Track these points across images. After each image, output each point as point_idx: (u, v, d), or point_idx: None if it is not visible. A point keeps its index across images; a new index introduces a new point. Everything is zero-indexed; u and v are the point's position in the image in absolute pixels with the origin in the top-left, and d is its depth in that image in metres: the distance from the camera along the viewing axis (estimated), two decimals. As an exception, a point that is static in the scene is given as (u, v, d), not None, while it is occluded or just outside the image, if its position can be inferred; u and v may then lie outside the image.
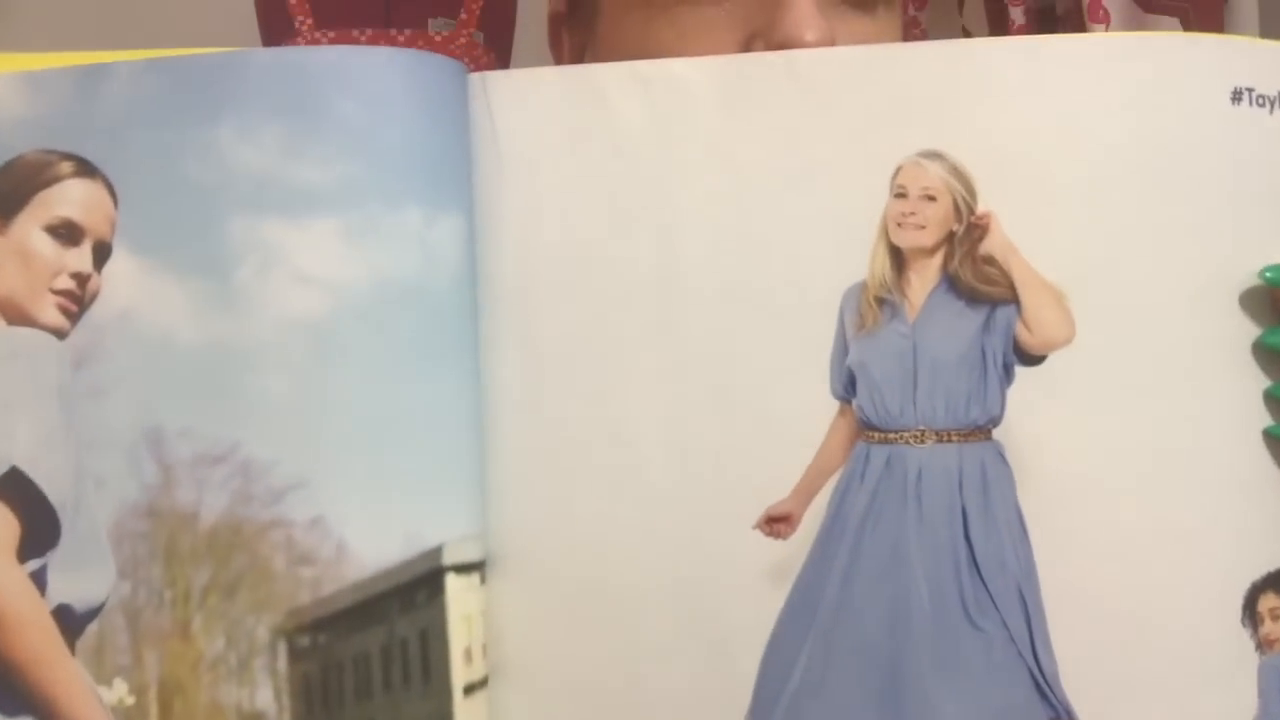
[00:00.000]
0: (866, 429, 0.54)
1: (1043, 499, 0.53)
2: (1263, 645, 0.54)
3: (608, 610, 0.53)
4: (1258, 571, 0.54)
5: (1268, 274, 0.54)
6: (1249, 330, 0.55)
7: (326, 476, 0.48)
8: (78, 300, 0.47)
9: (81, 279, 0.48)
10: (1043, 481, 0.54)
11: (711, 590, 0.53)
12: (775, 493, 0.54)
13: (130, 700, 0.46)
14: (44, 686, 0.44)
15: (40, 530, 0.44)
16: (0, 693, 0.43)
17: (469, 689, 0.50)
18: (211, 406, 0.47)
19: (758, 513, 0.53)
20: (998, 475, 0.54)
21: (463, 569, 0.51)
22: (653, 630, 0.53)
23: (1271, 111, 0.55)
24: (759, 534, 0.53)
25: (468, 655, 0.51)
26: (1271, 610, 0.54)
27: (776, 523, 0.54)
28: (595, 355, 0.54)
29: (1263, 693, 0.53)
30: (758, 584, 0.54)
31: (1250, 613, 0.54)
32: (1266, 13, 0.54)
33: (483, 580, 0.52)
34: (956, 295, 0.55)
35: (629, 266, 0.54)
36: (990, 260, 0.54)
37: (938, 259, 0.55)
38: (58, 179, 0.48)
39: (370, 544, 0.48)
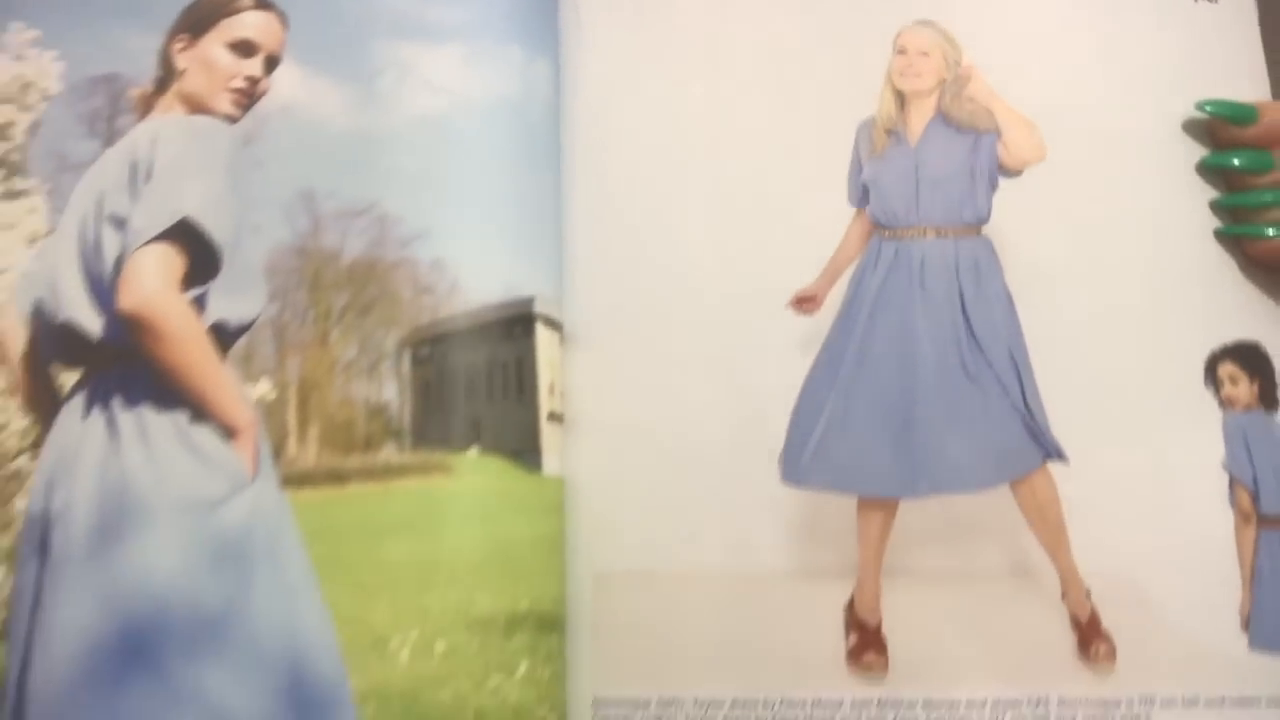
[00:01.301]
0: (878, 228, 0.66)
1: (1025, 282, 0.64)
2: (1225, 404, 0.63)
3: (662, 375, 0.64)
4: (1215, 344, 0.64)
5: (1208, 107, 0.66)
6: (1193, 152, 0.67)
7: (444, 230, 0.60)
8: (249, 96, 0.60)
9: (253, 81, 0.60)
10: (1025, 268, 0.65)
11: (749, 357, 0.64)
12: (802, 280, 0.65)
13: (273, 395, 0.57)
14: (198, 385, 0.53)
15: (203, 266, 0.53)
16: (164, 391, 0.53)
17: (551, 415, 0.61)
18: (355, 175, 0.60)
19: (788, 295, 0.64)
20: (988, 262, 0.65)
21: (547, 322, 0.62)
22: (699, 390, 0.63)
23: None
24: (790, 312, 0.64)
25: (551, 388, 0.61)
26: (1230, 375, 0.63)
27: (804, 302, 0.65)
28: (653, 174, 0.66)
29: (1228, 441, 0.62)
30: (788, 352, 0.64)
31: (1211, 377, 0.63)
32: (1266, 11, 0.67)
33: (562, 341, 0.63)
34: (948, 126, 0.67)
35: (683, 107, 0.67)
36: (973, 100, 0.67)
37: (932, 100, 0.67)
38: (240, 9, 0.62)
39: (477, 284, 0.59)
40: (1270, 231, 0.63)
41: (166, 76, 0.59)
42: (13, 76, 0.63)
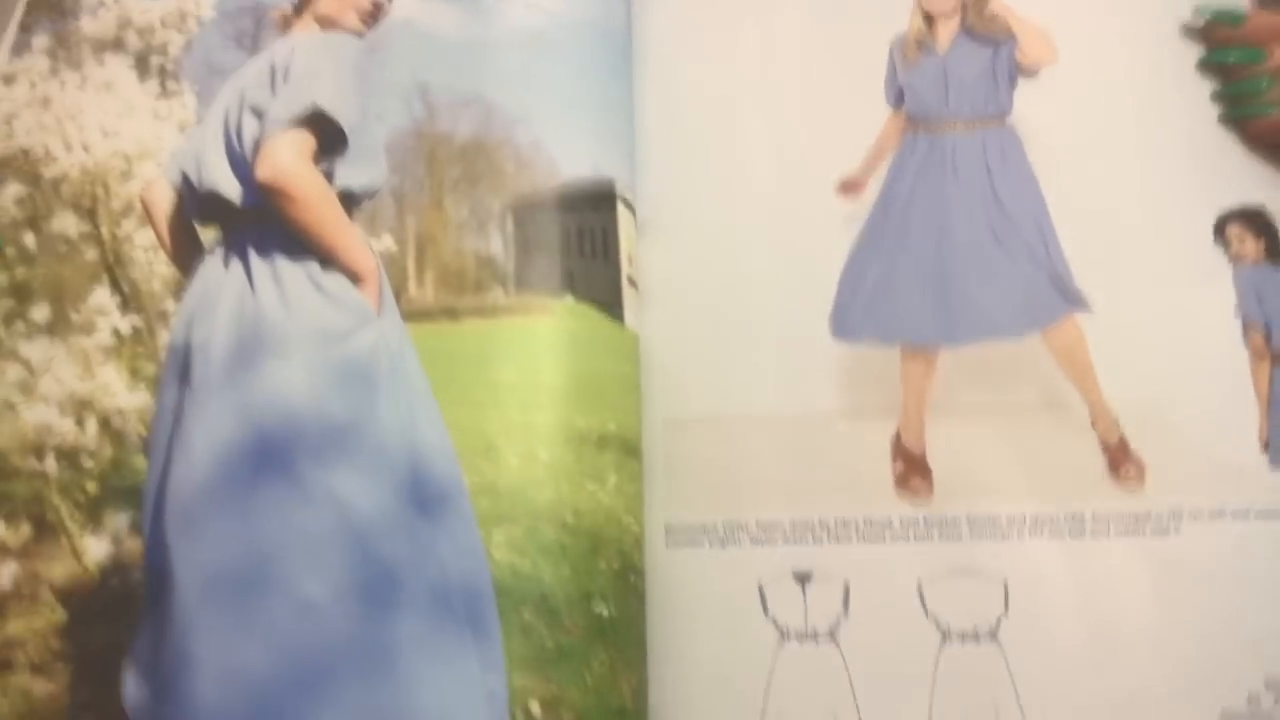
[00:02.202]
0: (912, 124, 0.75)
1: (1048, 164, 0.72)
2: (1234, 260, 0.70)
3: (724, 250, 0.72)
4: (1223, 208, 0.71)
5: (1203, 11, 0.75)
6: (1192, 52, 0.75)
7: (540, 117, 0.70)
8: (374, 15, 0.71)
9: (377, 4, 0.71)
10: (1046, 152, 0.73)
11: (802, 233, 0.72)
12: (846, 170, 0.74)
13: (395, 248, 0.67)
14: (327, 239, 0.61)
15: (331, 144, 0.61)
16: (296, 244, 0.60)
17: (629, 279, 0.69)
18: (464, 74, 0.70)
19: (834, 182, 0.73)
20: (1013, 145, 0.73)
21: (625, 202, 0.71)
22: (757, 262, 0.72)
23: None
24: (836, 196, 0.73)
25: (629, 259, 0.70)
26: (1238, 235, 0.70)
27: (850, 187, 0.73)
28: (714, 80, 0.76)
29: (1239, 290, 0.69)
30: (836, 227, 0.73)
31: (1220, 236, 0.71)
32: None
33: (635, 220, 0.72)
34: (972, 38, 0.76)
35: (740, 23, 0.77)
36: (993, 15, 0.76)
37: (957, 17, 0.77)
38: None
39: (569, 162, 0.69)
40: (1272, 110, 0.71)
41: (303, 1, 0.70)
42: (173, 8, 0.75)
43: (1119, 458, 0.66)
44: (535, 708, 0.57)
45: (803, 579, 0.65)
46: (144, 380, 0.65)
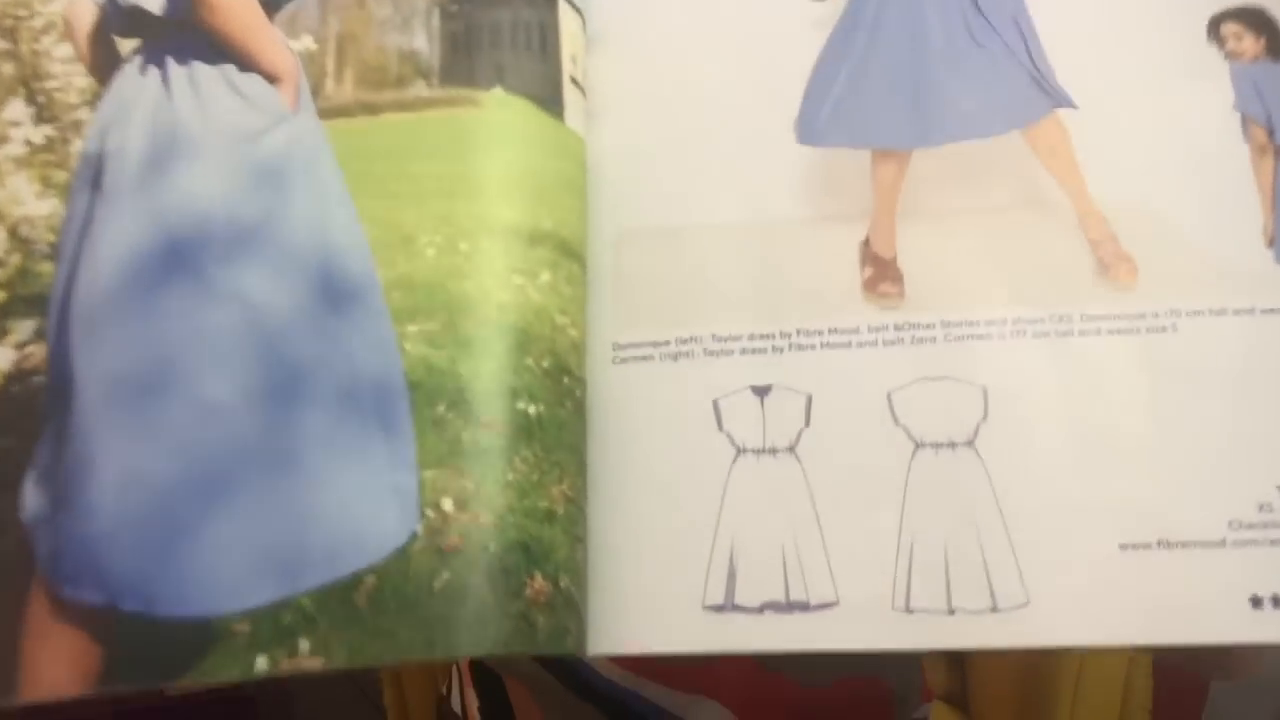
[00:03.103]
0: (883, -71, 0.69)
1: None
2: (1230, 57, 0.64)
3: (682, 61, 0.67)
4: (1217, 6, 0.65)
5: None
6: None
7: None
8: None
9: None
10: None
11: (766, 38, 0.67)
12: (812, -22, 0.68)
13: (315, 46, 0.61)
14: (245, 43, 0.59)
15: None
16: (214, 49, 0.59)
17: (572, 80, 0.64)
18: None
19: (799, -9, 0.68)
20: (991, -55, 0.68)
21: (569, 2, 0.66)
22: (718, 71, 0.66)
23: None
24: (803, 2, 0.68)
25: (573, 59, 0.65)
26: (1234, 33, 0.64)
27: (815, -9, 0.68)
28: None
29: (1237, 85, 0.63)
30: (805, 31, 0.67)
31: (1215, 35, 0.64)
32: None
33: (584, 30, 0.66)
34: None
35: None
36: None
37: None
38: None
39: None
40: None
41: None
42: None
43: (1109, 257, 0.60)
44: (447, 504, 0.51)
45: (761, 392, 0.58)
46: (55, 188, 0.60)
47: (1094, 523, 0.54)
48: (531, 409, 0.54)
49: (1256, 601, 0.52)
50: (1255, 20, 0.64)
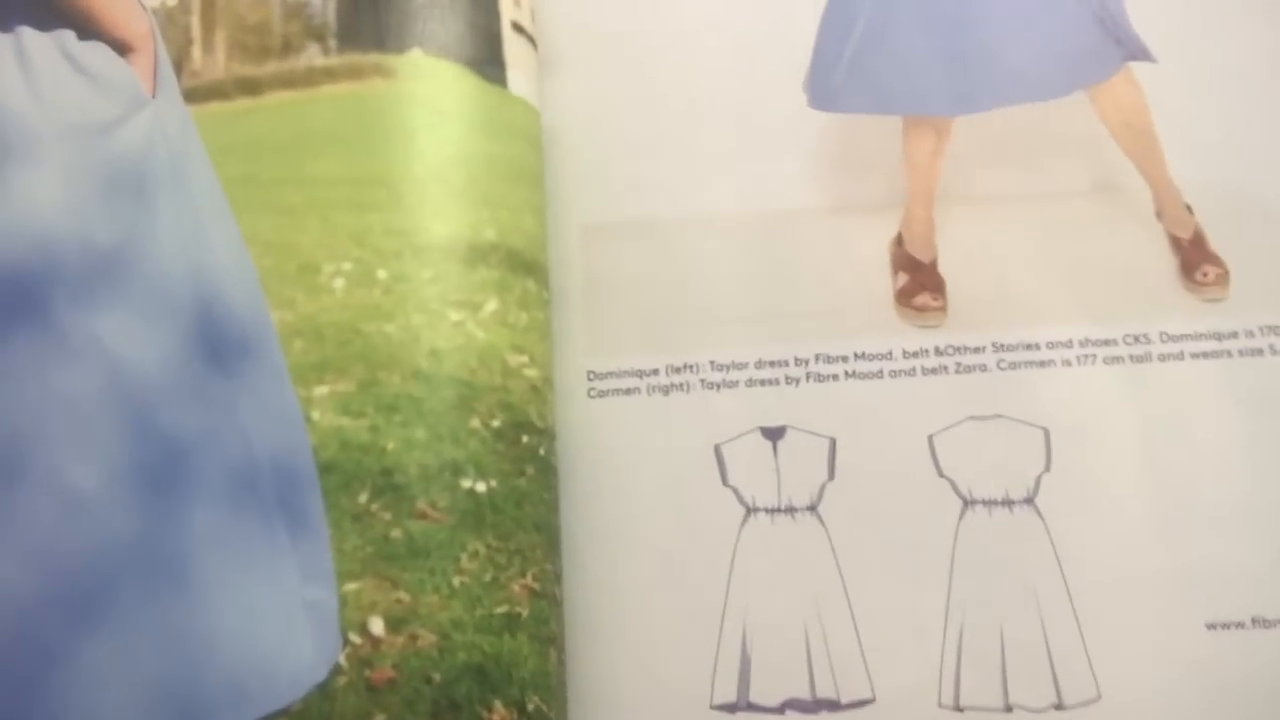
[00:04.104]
0: None
1: None
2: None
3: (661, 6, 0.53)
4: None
5: None
6: None
7: None
8: None
9: None
10: None
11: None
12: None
13: (174, 2, 0.47)
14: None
15: None
16: (44, 8, 0.44)
17: (515, 27, 0.49)
18: None
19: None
20: None
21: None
22: (706, 12, 0.52)
23: None
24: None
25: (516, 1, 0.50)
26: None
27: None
28: None
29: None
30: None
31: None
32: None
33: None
34: None
35: None
36: None
37: None
38: None
39: None
40: None
41: None
42: None
43: (1194, 256, 0.48)
44: (377, 625, 0.40)
45: (773, 435, 0.47)
46: None
47: (1177, 598, 0.44)
48: (481, 486, 0.42)
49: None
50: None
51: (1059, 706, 0.44)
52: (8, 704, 0.40)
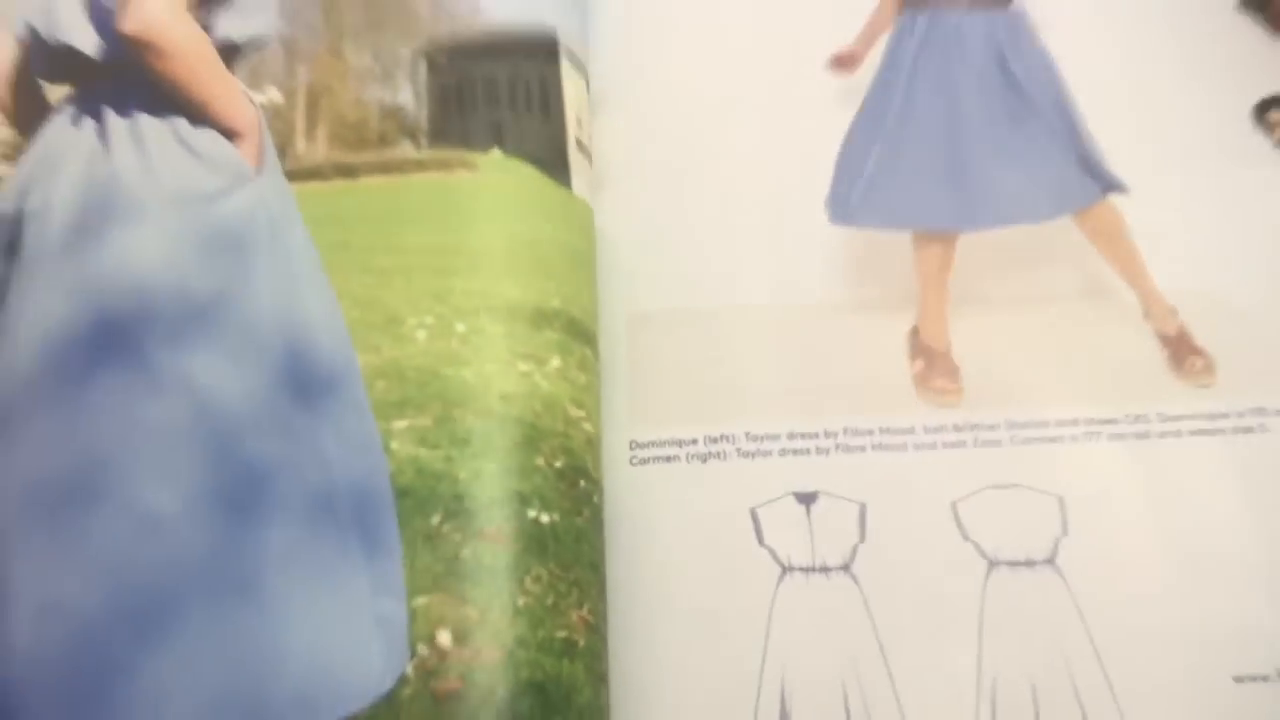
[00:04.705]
0: (911, 2, 0.65)
1: (1064, 49, 0.63)
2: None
3: (697, 128, 0.61)
4: (1258, 95, 0.62)
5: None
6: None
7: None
8: None
9: None
10: (1054, 36, 0.63)
11: (790, 110, 0.61)
12: (836, 46, 0.63)
13: (281, 100, 0.53)
14: (199, 93, 0.50)
15: None
16: (162, 99, 0.50)
17: (578, 144, 0.57)
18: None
19: (823, 58, 0.63)
20: (1022, 26, 0.64)
21: (571, 59, 0.59)
22: (737, 141, 0.60)
23: None
24: (828, 70, 0.62)
25: (578, 121, 0.58)
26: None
27: (843, 61, 0.63)
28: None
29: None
30: (829, 105, 0.61)
31: (1262, 120, 0.61)
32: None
33: (588, 90, 0.60)
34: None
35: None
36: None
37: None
38: None
39: (499, 5, 0.57)
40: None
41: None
42: None
43: (1182, 349, 0.54)
44: (445, 637, 0.41)
45: (806, 500, 0.50)
46: (-36, 258, 0.50)
47: (1203, 651, 0.46)
48: (544, 517, 0.45)
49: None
50: (1300, 108, 0.61)
51: (1093, 760, 0.45)
52: (77, 711, 0.40)
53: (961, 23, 0.64)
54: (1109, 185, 0.58)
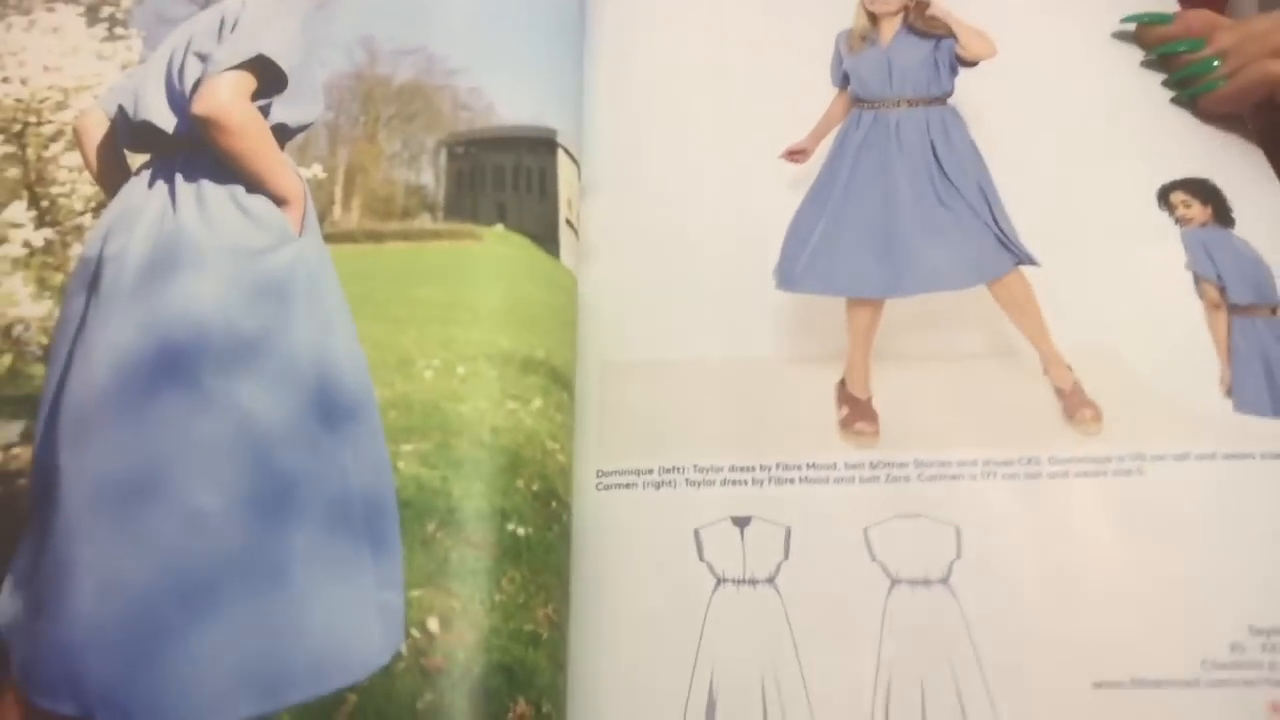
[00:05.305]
0: (858, 102, 0.75)
1: (990, 141, 0.73)
2: (1181, 223, 0.69)
3: (670, 215, 0.71)
4: (1166, 178, 0.71)
5: (1131, 19, 0.78)
6: (1126, 54, 0.77)
7: (482, 66, 0.70)
8: None
9: None
10: (988, 130, 0.73)
11: (747, 192, 0.72)
12: (791, 141, 0.74)
13: (323, 175, 0.65)
14: (255, 166, 0.61)
15: (270, 84, 0.62)
16: (223, 169, 0.60)
17: (568, 222, 0.68)
18: (409, 24, 0.71)
19: (780, 150, 0.73)
20: (955, 122, 0.74)
21: (567, 153, 0.70)
22: (703, 223, 0.71)
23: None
24: (782, 161, 0.73)
25: (569, 203, 0.69)
26: (1183, 201, 0.70)
27: (795, 154, 0.73)
28: (665, 61, 0.78)
29: (1188, 247, 0.68)
30: (781, 189, 0.72)
31: (1165, 203, 0.70)
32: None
33: (579, 177, 0.71)
34: (913, 34, 0.78)
35: (694, 13, 0.80)
36: (934, 16, 0.79)
37: (899, 17, 0.79)
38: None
39: (510, 108, 0.69)
40: (1222, 84, 0.72)
41: (256, -40, 0.72)
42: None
43: (1074, 402, 0.63)
44: (433, 624, 0.51)
45: (741, 523, 0.60)
46: (51, 290, 0.62)
47: (1068, 661, 0.55)
48: (520, 530, 0.55)
49: (1231, 744, 0.53)
50: (1201, 190, 0.70)
51: (970, 750, 0.53)
52: (131, 670, 0.50)
53: (901, 119, 0.74)
54: (1021, 258, 0.68)
